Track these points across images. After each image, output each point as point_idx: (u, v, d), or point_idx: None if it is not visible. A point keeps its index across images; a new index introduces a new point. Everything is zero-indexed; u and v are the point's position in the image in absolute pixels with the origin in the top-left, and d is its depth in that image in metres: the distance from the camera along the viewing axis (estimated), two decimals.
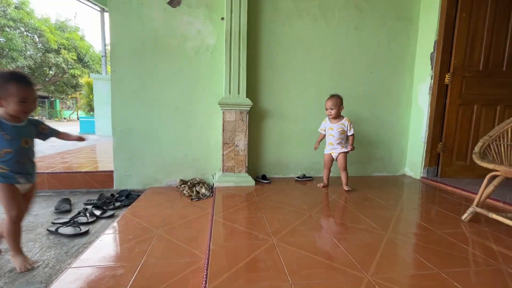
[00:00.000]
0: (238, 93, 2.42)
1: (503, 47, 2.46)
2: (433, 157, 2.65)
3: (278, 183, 2.50)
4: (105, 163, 3.05)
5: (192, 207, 2.02)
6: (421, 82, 2.71)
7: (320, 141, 2.41)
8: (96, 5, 7.47)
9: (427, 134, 2.63)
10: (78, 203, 2.27)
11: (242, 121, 2.41)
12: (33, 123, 1.34)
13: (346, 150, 2.28)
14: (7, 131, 1.21)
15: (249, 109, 2.42)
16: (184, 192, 2.34)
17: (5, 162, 1.22)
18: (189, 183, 2.49)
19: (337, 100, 2.26)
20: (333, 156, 2.32)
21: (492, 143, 1.65)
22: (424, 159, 2.68)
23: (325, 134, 2.36)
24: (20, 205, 1.27)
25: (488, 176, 1.54)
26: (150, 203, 2.10)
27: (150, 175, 2.55)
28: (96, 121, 7.25)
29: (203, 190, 2.35)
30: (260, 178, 2.56)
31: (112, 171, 2.54)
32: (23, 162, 1.28)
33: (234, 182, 2.41)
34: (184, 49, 2.49)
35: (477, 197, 1.61)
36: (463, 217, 1.66)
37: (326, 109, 2.31)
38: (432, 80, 2.57)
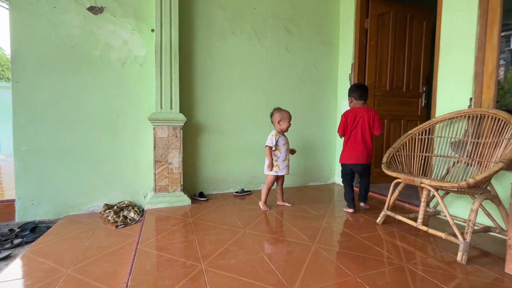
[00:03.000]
0: (171, 108, 2.31)
1: (402, 72, 2.96)
2: None
3: (216, 200, 2.44)
4: (10, 190, 2.52)
5: (116, 236, 1.79)
6: (344, 99, 3.04)
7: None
8: (4, 2, 6.36)
9: None
10: None
11: (176, 137, 2.30)
12: None
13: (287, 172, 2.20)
14: None
15: (183, 124, 2.33)
16: (109, 218, 2.07)
17: None
18: (115, 207, 2.23)
19: None
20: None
21: (395, 153, 1.93)
22: None
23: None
24: None
25: (393, 183, 1.78)
26: (63, 235, 1.79)
27: (66, 202, 2.20)
28: (1, 138, 6.06)
29: (131, 214, 2.13)
30: (197, 196, 2.46)
31: (13, 200, 2.11)
32: None
33: (168, 203, 2.25)
34: (109, 60, 2.28)
35: (387, 202, 1.84)
36: (378, 220, 1.87)
37: (288, 123, 2.12)
38: None
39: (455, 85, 1.89)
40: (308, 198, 2.54)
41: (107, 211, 2.16)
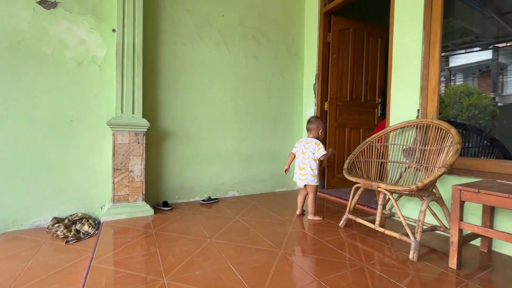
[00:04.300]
0: (133, 112, 2.19)
1: (360, 84, 3.20)
2: (320, 171, 3.07)
3: (181, 209, 2.34)
4: None
5: (66, 252, 1.61)
6: (308, 108, 3.17)
7: None
8: None
9: None
10: None
11: (138, 143, 2.18)
12: None
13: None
14: None
15: (146, 130, 2.21)
16: (58, 233, 1.87)
17: None
18: (66, 220, 2.02)
19: None
20: None
21: (355, 160, 2.05)
22: None
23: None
24: None
25: (353, 188, 1.88)
26: None
27: (5, 216, 1.93)
28: None
29: (85, 228, 1.94)
30: (161, 206, 2.34)
31: None
32: None
33: (128, 214, 2.10)
34: (62, 59, 2.10)
35: (348, 206, 1.94)
36: (340, 223, 1.96)
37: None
38: (316, 107, 3.05)
39: (405, 97, 2.09)
40: (275, 204, 2.57)
41: (56, 225, 1.95)
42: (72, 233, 1.86)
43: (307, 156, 2.10)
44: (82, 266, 1.42)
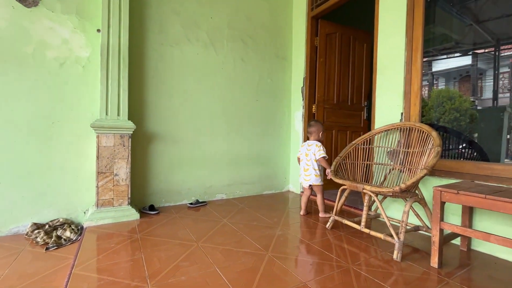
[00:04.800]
0: (118, 114, 2.14)
1: (347, 88, 3.26)
2: None
3: (168, 213, 2.30)
4: None
5: (46, 260, 1.55)
6: (296, 111, 3.20)
7: None
8: None
9: None
10: None
11: (123, 146, 2.13)
12: None
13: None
14: None
15: (131, 132, 2.17)
16: (38, 239, 1.80)
17: None
18: (47, 226, 1.95)
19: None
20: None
21: (341, 162, 2.08)
22: None
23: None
24: None
25: (340, 189, 1.91)
26: None
27: None
28: None
29: (67, 234, 1.87)
30: (147, 209, 2.29)
31: None
32: None
33: (112, 218, 2.05)
34: (44, 59, 2.03)
35: (335, 207, 1.97)
36: (327, 225, 1.98)
37: None
38: (304, 109, 3.08)
39: (390, 101, 2.15)
40: (263, 206, 2.57)
41: (36, 231, 1.87)
42: (52, 239, 1.79)
43: (309, 158, 2.22)
44: (63, 274, 1.37)
